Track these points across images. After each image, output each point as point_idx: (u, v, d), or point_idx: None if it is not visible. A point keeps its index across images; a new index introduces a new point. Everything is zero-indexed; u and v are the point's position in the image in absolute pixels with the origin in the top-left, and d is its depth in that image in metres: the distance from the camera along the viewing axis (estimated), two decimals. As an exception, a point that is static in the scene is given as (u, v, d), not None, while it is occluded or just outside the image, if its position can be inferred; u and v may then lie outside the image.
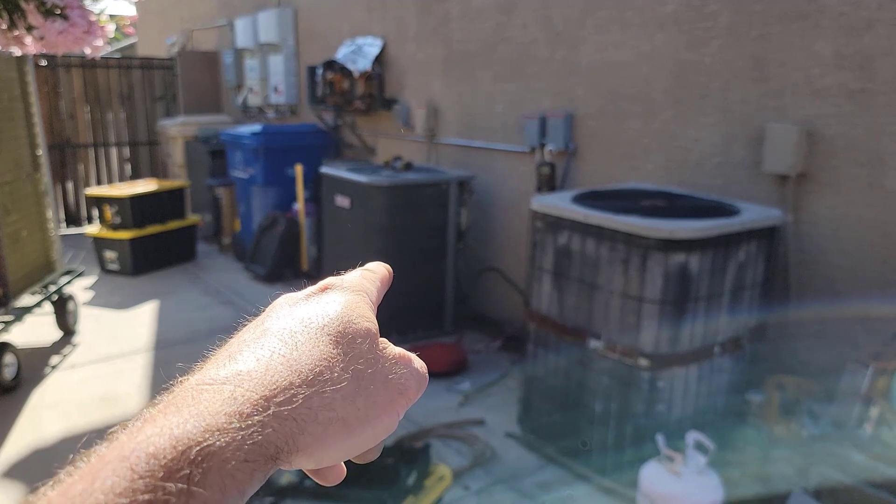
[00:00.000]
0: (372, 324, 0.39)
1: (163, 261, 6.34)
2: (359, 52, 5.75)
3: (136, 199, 6.06)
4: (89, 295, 5.60)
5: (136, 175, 8.20)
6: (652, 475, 2.51)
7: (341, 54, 5.87)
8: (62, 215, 7.80)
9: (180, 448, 0.29)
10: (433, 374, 2.82)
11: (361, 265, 0.49)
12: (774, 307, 3.13)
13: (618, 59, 3.82)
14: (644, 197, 3.17)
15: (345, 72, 5.68)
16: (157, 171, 8.35)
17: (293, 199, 5.96)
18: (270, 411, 0.31)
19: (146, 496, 0.27)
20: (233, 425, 0.30)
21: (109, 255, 6.14)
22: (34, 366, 4.20)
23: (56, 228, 4.79)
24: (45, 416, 3.60)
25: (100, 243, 6.17)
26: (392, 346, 0.40)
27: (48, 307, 4.56)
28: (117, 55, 9.57)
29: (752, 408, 2.77)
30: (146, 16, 10.24)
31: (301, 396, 0.33)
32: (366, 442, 0.36)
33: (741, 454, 2.69)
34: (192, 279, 6.12)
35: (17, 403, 3.74)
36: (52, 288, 4.49)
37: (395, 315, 4.57)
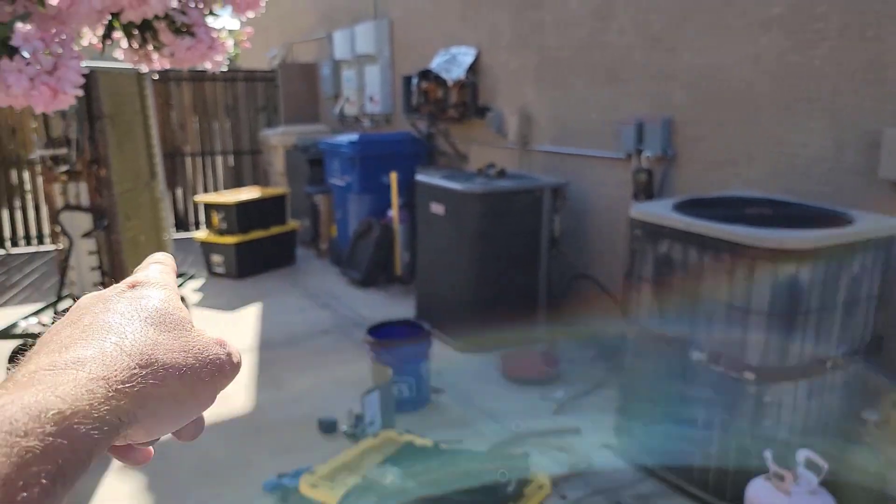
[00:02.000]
0: (186, 313, 0.44)
1: (265, 265, 6.64)
2: (453, 62, 5.84)
3: (242, 206, 6.40)
4: (198, 296, 5.94)
5: (239, 183, 8.62)
6: (760, 493, 2.43)
7: (435, 64, 5.98)
8: (173, 220, 8.30)
9: (33, 413, 0.31)
10: (526, 381, 2.89)
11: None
12: (892, 321, 2.96)
13: (719, 63, 3.72)
14: (749, 205, 3.08)
15: (439, 81, 5.78)
16: (259, 178, 8.75)
17: (388, 205, 6.12)
18: (113, 388, 0.35)
19: (4, 450, 0.29)
20: (82, 398, 0.33)
21: (216, 258, 6.49)
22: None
23: (169, 233, 5.11)
24: (161, 410, 3.85)
25: (207, 247, 6.54)
26: (205, 332, 0.44)
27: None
28: (223, 69, 10.11)
29: (867, 427, 2.63)
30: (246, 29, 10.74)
31: (138, 377, 0.36)
32: (190, 415, 0.41)
33: (855, 476, 2.56)
34: (292, 283, 6.39)
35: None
36: (168, 289, 4.80)
37: (487, 321, 4.61)
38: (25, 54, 1.38)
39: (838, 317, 2.67)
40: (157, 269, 0.47)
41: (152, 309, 0.41)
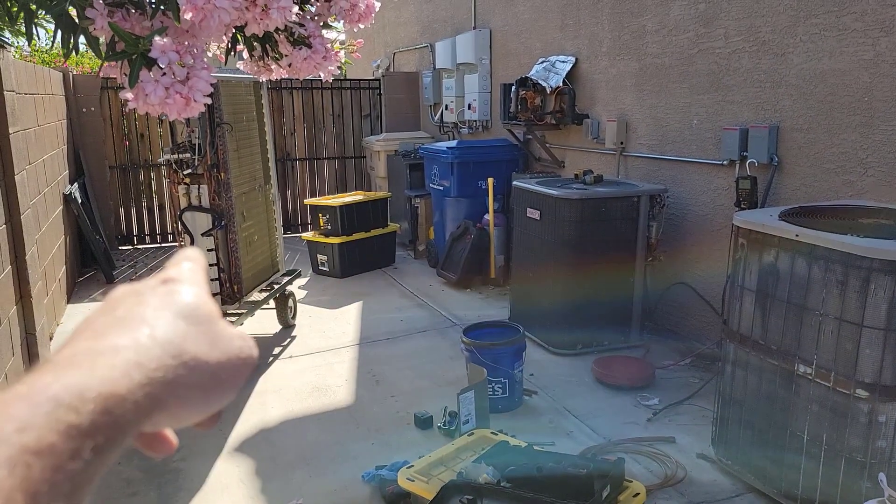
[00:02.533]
0: (215, 307, 0.45)
1: (366, 264, 6.91)
2: (551, 69, 5.87)
3: (346, 209, 6.69)
4: (304, 293, 6.25)
5: (344, 186, 8.98)
6: (869, 515, 2.33)
7: (534, 72, 6.03)
8: (282, 221, 8.75)
9: (76, 392, 0.33)
10: (620, 387, 2.92)
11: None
12: None
13: (833, 68, 3.57)
14: (863, 214, 2.95)
15: (537, 88, 5.83)
16: (362, 182, 9.09)
17: (484, 210, 6.22)
18: (147, 375, 0.36)
19: (49, 425, 0.31)
20: (120, 382, 0.35)
21: (321, 257, 6.81)
22: (260, 354, 4.75)
23: (280, 233, 5.42)
24: (268, 401, 4.09)
25: (313, 247, 6.87)
26: (230, 325, 0.46)
27: (271, 303, 5.18)
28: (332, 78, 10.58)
29: None
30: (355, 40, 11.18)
31: (170, 366, 0.38)
32: (216, 404, 0.43)
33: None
34: (391, 282, 6.61)
35: (247, 387, 4.27)
36: (276, 286, 5.10)
37: (580, 326, 4.61)
38: (162, 65, 1.50)
39: (962, 334, 2.52)
40: (188, 266, 0.48)
41: (183, 304, 0.43)
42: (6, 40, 4.31)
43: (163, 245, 8.36)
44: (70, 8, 1.58)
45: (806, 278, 2.67)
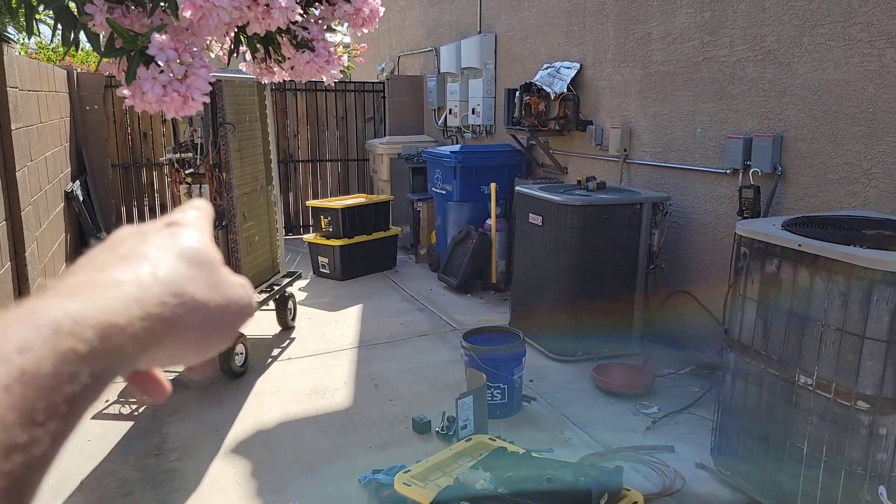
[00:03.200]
0: (217, 253, 0.45)
1: (367, 267, 6.90)
2: (556, 75, 5.86)
3: (348, 211, 6.68)
4: (304, 295, 6.24)
5: (346, 189, 8.98)
6: (867, 528, 2.31)
7: (539, 77, 6.03)
8: (283, 222, 8.76)
9: (76, 318, 0.33)
10: (619, 395, 2.91)
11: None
12: None
13: (838, 78, 3.56)
14: (866, 225, 2.93)
15: (541, 94, 5.82)
16: (364, 185, 9.08)
17: (486, 214, 6.20)
18: (146, 310, 0.37)
19: (48, 348, 0.32)
20: (120, 314, 0.35)
21: (322, 259, 6.80)
22: (258, 355, 4.78)
23: (281, 234, 5.41)
24: (266, 402, 4.08)
25: (315, 249, 6.86)
26: (231, 272, 0.45)
27: (271, 304, 5.16)
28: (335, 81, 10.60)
29: None
30: (359, 43, 11.20)
31: (170, 305, 0.38)
32: (212, 348, 0.43)
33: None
34: (392, 286, 6.59)
35: (245, 388, 4.27)
36: (276, 287, 5.09)
37: (580, 332, 4.60)
38: (160, 63, 1.49)
39: (965, 348, 2.50)
40: (194, 213, 0.48)
41: (186, 246, 0.43)
42: (10, 36, 4.32)
43: (164, 244, 8.34)
44: (70, 3, 1.58)
45: (808, 289, 2.65)
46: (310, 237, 6.97)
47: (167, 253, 0.41)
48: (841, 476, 2.58)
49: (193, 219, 0.47)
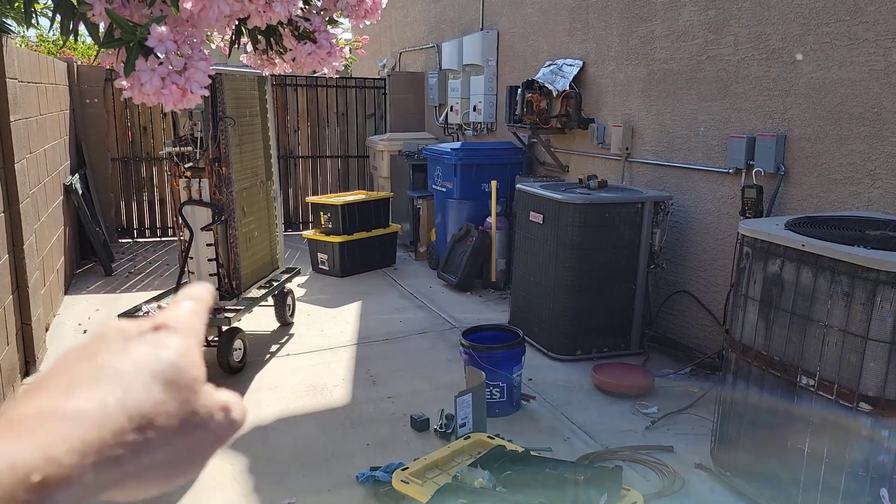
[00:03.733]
0: (201, 371, 0.41)
1: (366, 264, 6.88)
2: (558, 73, 5.84)
3: (348, 208, 6.66)
4: (303, 291, 6.22)
5: (346, 185, 8.96)
6: (868, 531, 2.30)
7: (541, 75, 6.00)
8: (283, 219, 8.74)
9: (20, 474, 0.31)
10: (619, 394, 2.90)
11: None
12: None
13: (843, 77, 3.54)
14: (871, 226, 2.91)
15: (543, 91, 5.80)
16: (364, 182, 9.06)
17: (486, 212, 6.18)
18: (104, 453, 0.34)
19: None
20: (70, 462, 0.33)
21: (322, 256, 6.78)
22: (257, 351, 4.76)
23: (280, 230, 5.39)
24: (264, 398, 4.05)
25: (314, 245, 6.84)
26: (215, 392, 0.42)
27: (270, 300, 5.14)
28: (336, 76, 10.57)
29: None
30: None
31: (132, 442, 0.36)
32: (175, 482, 0.40)
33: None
34: (391, 283, 6.57)
35: (243, 383, 4.25)
36: (275, 283, 5.06)
37: (580, 332, 4.58)
38: (159, 55, 1.47)
39: (968, 350, 2.48)
40: (187, 308, 0.45)
41: (166, 363, 0.40)
42: (10, 27, 4.29)
43: (163, 239, 8.33)
44: (69, -8, 1.56)
45: (811, 289, 2.63)
46: (309, 234, 6.95)
47: (142, 373, 0.39)
48: (842, 478, 2.56)
49: (184, 318, 0.44)
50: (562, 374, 4.39)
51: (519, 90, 6.05)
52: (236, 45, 2.28)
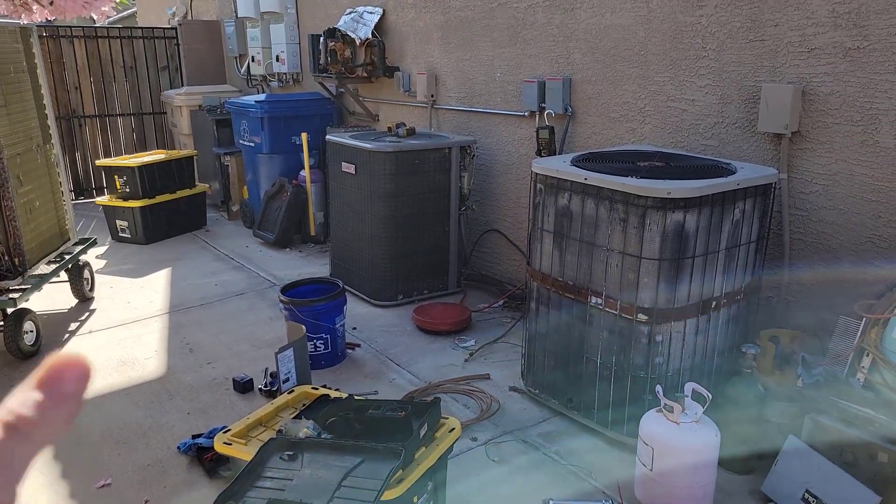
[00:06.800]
0: None
1: (174, 228, 6.47)
2: (359, 20, 5.77)
3: (145, 169, 6.17)
4: (102, 263, 5.73)
5: (143, 145, 8.27)
6: (652, 424, 2.65)
7: (342, 23, 5.90)
8: (72, 185, 7.90)
9: None
10: (439, 332, 3.09)
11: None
12: (770, 263, 3.24)
13: (615, 23, 3.86)
14: (642, 158, 3.26)
15: (346, 40, 5.71)
16: (164, 141, 8.42)
17: (299, 166, 6.05)
18: None
19: None
20: None
21: (121, 223, 6.26)
22: (53, 332, 4.35)
23: (68, 198, 4.89)
24: (67, 380, 3.74)
25: (111, 212, 6.30)
26: None
27: (64, 275, 4.69)
28: (118, 26, 9.56)
29: (747, 360, 2.89)
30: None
31: None
32: None
33: (738, 404, 2.82)
34: (203, 246, 6.25)
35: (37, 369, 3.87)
36: (67, 256, 4.62)
37: (400, 277, 4.70)
38: None
39: (722, 260, 2.90)
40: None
41: None
42: None
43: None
44: None
45: (594, 217, 2.91)
46: (104, 200, 6.38)
47: None
48: (628, 381, 2.92)
49: None
50: (385, 320, 4.50)
51: (321, 39, 5.90)
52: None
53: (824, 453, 2.55)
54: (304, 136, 5.90)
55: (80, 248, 4.81)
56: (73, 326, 4.47)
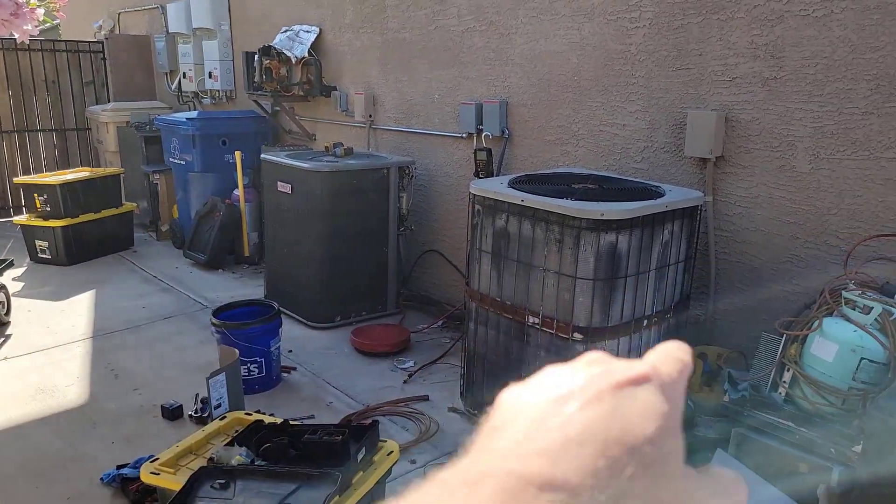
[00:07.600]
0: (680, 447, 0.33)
1: (98, 249, 6.20)
2: (295, 39, 5.73)
3: (68, 187, 5.91)
4: (20, 285, 5.44)
5: (66, 162, 7.93)
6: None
7: (278, 40, 5.84)
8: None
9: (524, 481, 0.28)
10: (378, 354, 3.07)
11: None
12: (697, 283, 3.36)
13: (549, 49, 3.97)
14: (576, 180, 3.34)
15: (282, 58, 5.66)
16: (89, 158, 8.10)
17: (232, 185, 5.92)
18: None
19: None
20: None
21: (41, 244, 5.97)
22: (-35, 359, 4.09)
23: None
24: (-21, 410, 3.52)
25: (29, 232, 5.99)
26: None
27: (-23, 299, 4.43)
28: (41, 38, 9.18)
29: (676, 376, 2.97)
30: (69, -4, 9.81)
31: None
32: None
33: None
34: (130, 267, 6.02)
35: (-51, 398, 3.64)
36: (-18, 279, 4.37)
37: (338, 298, 4.64)
38: None
39: (652, 279, 2.99)
40: (674, 363, 0.36)
41: (639, 435, 0.31)
42: None
43: None
44: None
45: (531, 238, 2.96)
46: (22, 219, 6.08)
47: (595, 444, 0.30)
48: (565, 399, 2.95)
49: (671, 379, 0.35)
50: (322, 342, 4.43)
51: (256, 56, 5.83)
52: None
53: (750, 466, 2.64)
54: (237, 154, 5.78)
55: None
56: (-14, 353, 4.22)
